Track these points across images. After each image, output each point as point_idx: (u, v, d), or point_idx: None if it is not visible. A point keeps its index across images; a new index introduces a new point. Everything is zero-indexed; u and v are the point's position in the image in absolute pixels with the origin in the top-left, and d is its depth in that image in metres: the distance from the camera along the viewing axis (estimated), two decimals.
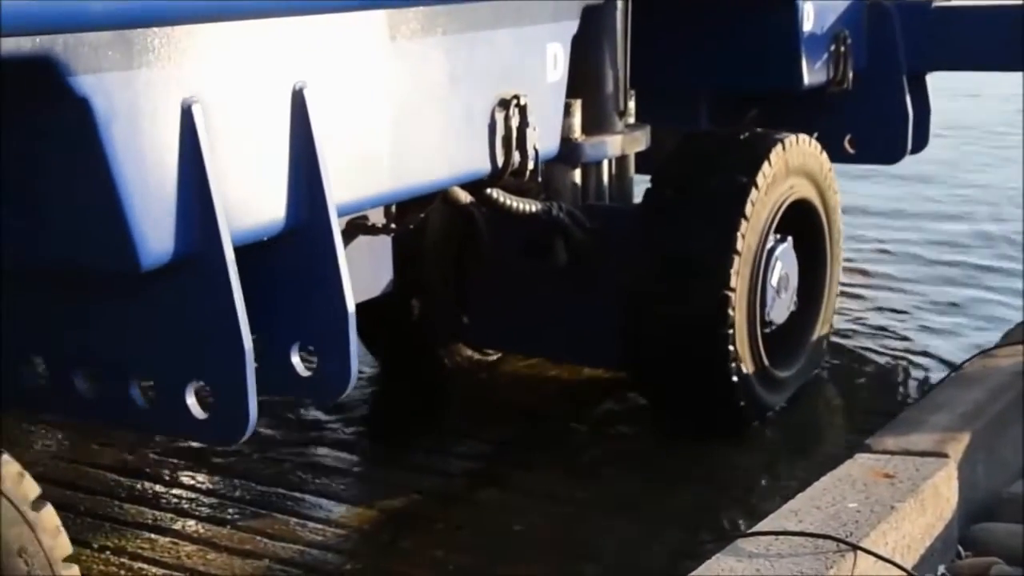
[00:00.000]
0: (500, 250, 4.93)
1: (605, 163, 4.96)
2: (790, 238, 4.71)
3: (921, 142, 6.05)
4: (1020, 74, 6.21)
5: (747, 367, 4.52)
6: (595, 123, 4.68)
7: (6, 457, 2.12)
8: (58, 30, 2.39)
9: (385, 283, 4.15)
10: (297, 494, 4.30)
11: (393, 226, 4.01)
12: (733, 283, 4.38)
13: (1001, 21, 5.56)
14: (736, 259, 4.38)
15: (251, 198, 2.94)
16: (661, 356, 4.51)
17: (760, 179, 4.45)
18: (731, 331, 4.40)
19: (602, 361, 4.97)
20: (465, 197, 4.30)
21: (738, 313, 4.43)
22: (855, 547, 2.97)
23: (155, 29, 2.63)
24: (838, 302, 5.28)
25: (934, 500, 3.39)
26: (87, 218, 2.67)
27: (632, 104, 4.87)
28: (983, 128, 11.09)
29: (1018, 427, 3.98)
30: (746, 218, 4.40)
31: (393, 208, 4.02)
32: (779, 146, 4.55)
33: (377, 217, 3.98)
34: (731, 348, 4.42)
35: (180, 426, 3.05)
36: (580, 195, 4.91)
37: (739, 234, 4.38)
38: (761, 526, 3.12)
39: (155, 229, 2.71)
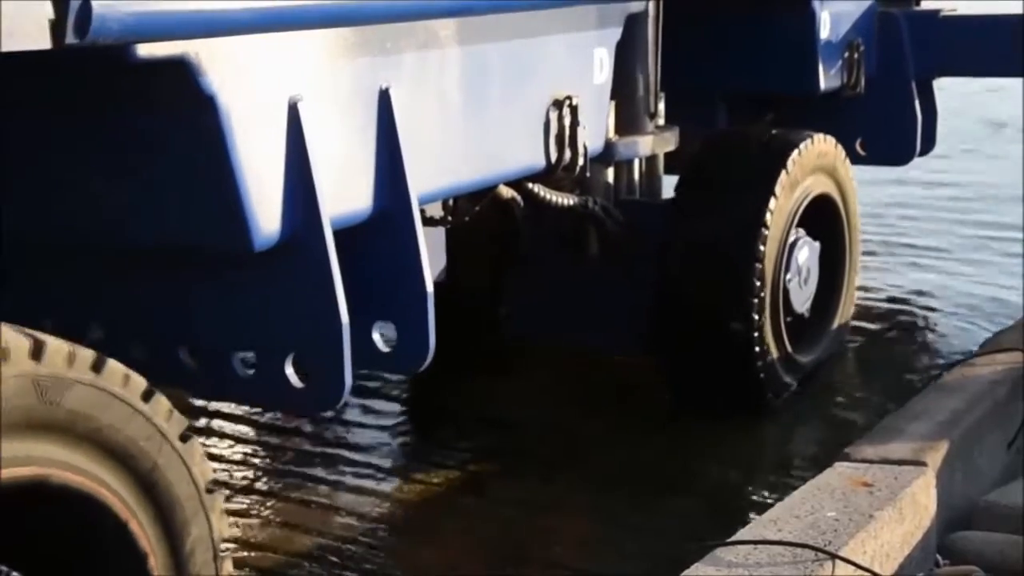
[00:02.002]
0: (537, 242, 5.24)
1: (636, 162, 5.28)
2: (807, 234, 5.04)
3: (929, 144, 6.36)
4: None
5: (772, 352, 4.85)
6: (628, 124, 4.96)
7: (159, 395, 2.40)
8: (191, 36, 2.69)
9: (439, 272, 4.45)
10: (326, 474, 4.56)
11: (449, 218, 4.31)
12: (758, 274, 4.70)
13: (1006, 29, 5.85)
14: (761, 251, 4.70)
15: (345, 186, 3.25)
16: (690, 341, 4.83)
17: (784, 176, 4.78)
18: (756, 319, 4.72)
19: (631, 347, 5.26)
20: (506, 191, 4.60)
21: (763, 302, 4.75)
22: (833, 556, 2.95)
23: (267, 35, 2.93)
24: None
25: (912, 509, 3.38)
26: (208, 203, 2.97)
27: (662, 106, 5.18)
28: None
29: (995, 435, 4.03)
30: (771, 212, 4.73)
31: (450, 202, 4.32)
32: (802, 145, 4.88)
33: (433, 210, 4.28)
34: (756, 335, 4.74)
35: (279, 396, 3.34)
36: (612, 192, 5.22)
37: (764, 227, 4.70)
38: (740, 535, 3.09)
39: (265, 213, 3.02)
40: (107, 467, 2.30)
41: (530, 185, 4.45)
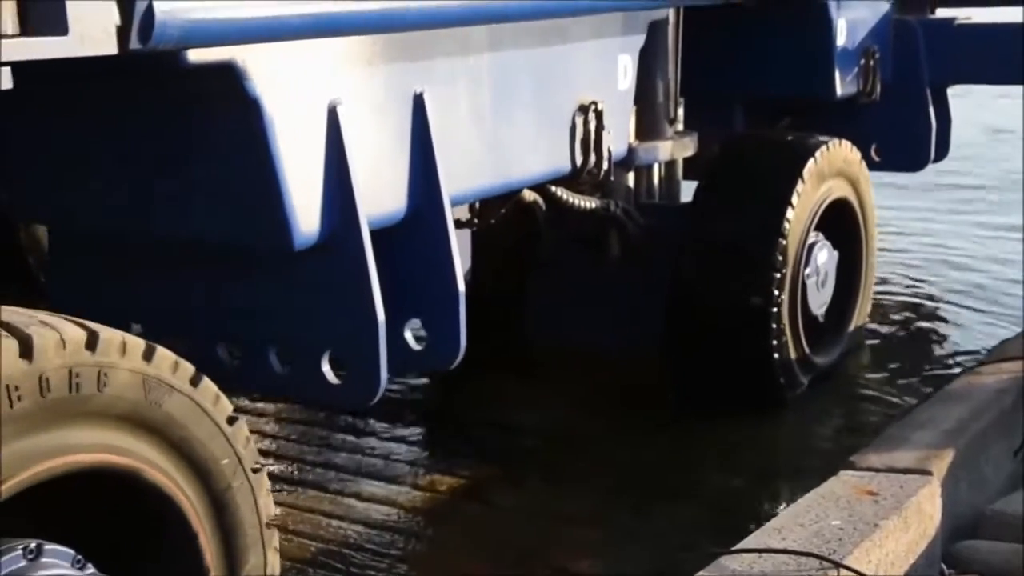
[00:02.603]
0: (558, 244, 5.34)
1: (656, 166, 5.38)
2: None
3: (943, 151, 6.45)
4: None
5: (789, 352, 4.94)
6: (648, 129, 5.06)
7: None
8: (243, 41, 2.79)
9: (465, 273, 4.54)
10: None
11: (475, 221, 4.40)
12: (777, 275, 4.79)
13: (1018, 38, 5.93)
14: (780, 253, 4.79)
15: (381, 188, 3.35)
16: (710, 340, 4.93)
17: (803, 180, 4.87)
18: (775, 320, 4.82)
19: (650, 346, 5.33)
20: (528, 194, 4.69)
21: (781, 303, 4.84)
22: (838, 565, 2.94)
23: (308, 41, 3.03)
24: None
25: (917, 517, 3.37)
26: (251, 202, 3.07)
27: (681, 111, 5.28)
28: None
29: (1001, 444, 4.02)
30: (790, 215, 4.82)
31: (476, 204, 4.42)
32: (821, 150, 4.98)
33: (459, 213, 4.38)
34: (775, 336, 4.83)
35: (315, 392, 3.44)
36: (632, 196, 5.32)
37: (783, 230, 4.79)
38: (744, 543, 3.08)
39: (305, 213, 3.12)
40: (188, 478, 2.43)
41: (552, 188, 4.55)
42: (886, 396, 5.29)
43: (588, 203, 4.84)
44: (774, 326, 4.83)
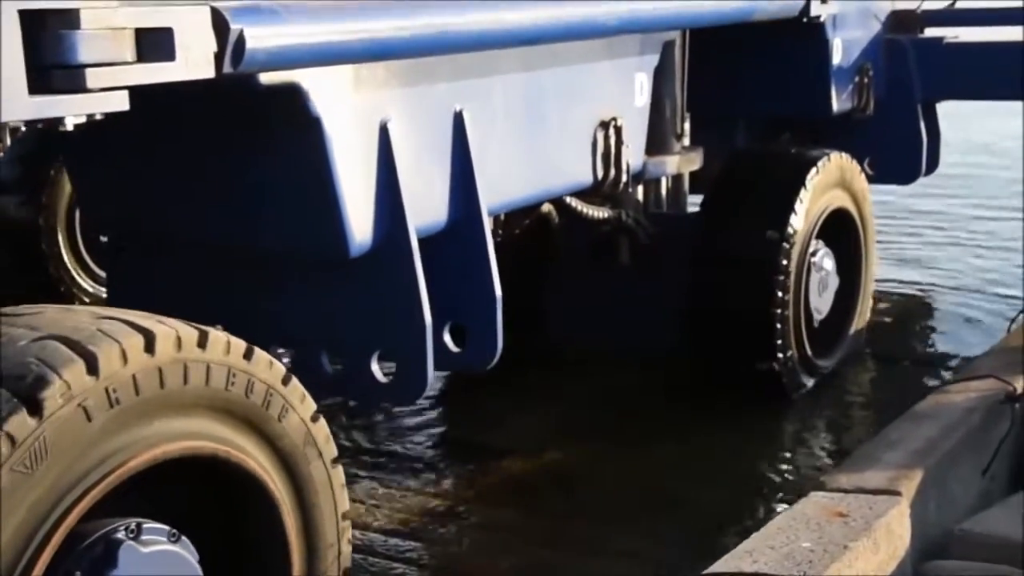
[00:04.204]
0: (572, 252, 5.62)
1: (663, 179, 5.65)
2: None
3: (933, 164, 6.74)
4: None
5: (792, 355, 5.21)
6: (656, 144, 5.33)
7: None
8: (312, 65, 3.04)
9: None
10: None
11: (500, 232, 4.66)
12: (781, 281, 5.06)
13: (1008, 55, 6.21)
14: (784, 260, 5.07)
15: (426, 199, 3.60)
16: (717, 343, 5.21)
17: (804, 190, 5.15)
18: (778, 324, 5.09)
19: (661, 347, 5.59)
20: (544, 205, 4.95)
21: (785, 308, 5.11)
22: None
23: (362, 69, 3.28)
24: None
25: (887, 538, 3.38)
26: (311, 212, 3.32)
27: (688, 127, 5.55)
28: None
29: (970, 463, 4.05)
30: (792, 224, 5.10)
31: (502, 216, 4.67)
32: (821, 162, 5.26)
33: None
34: (778, 339, 5.10)
35: (364, 390, 3.68)
36: (641, 208, 5.59)
37: (786, 239, 5.07)
38: (715, 567, 3.09)
39: (360, 223, 3.37)
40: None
41: (567, 199, 4.81)
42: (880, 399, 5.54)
43: (600, 213, 5.11)
44: (778, 329, 5.10)
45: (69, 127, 2.23)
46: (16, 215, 6.40)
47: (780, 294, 5.07)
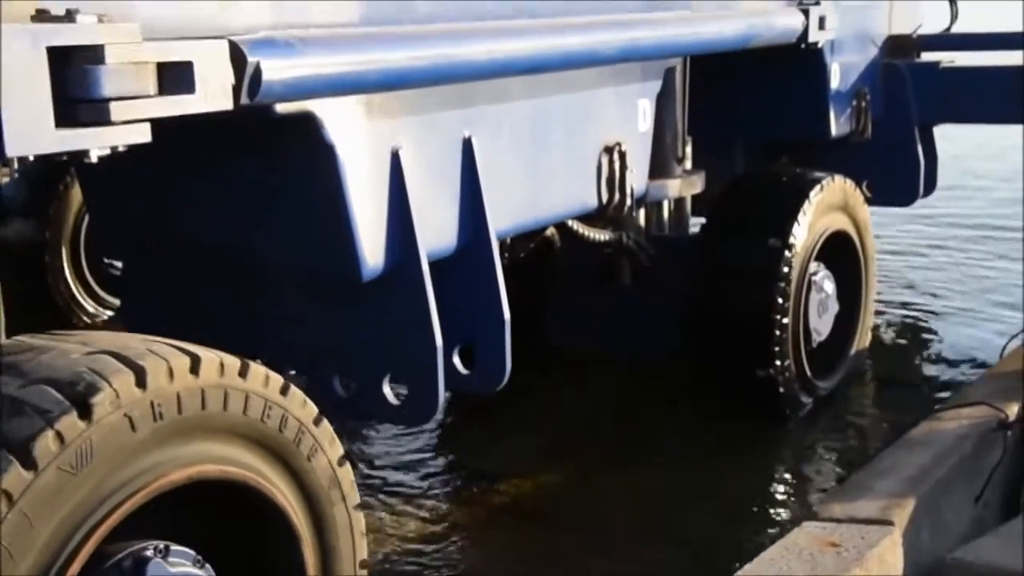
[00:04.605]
0: (574, 273, 5.69)
1: (665, 202, 5.72)
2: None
3: (930, 186, 6.82)
4: None
5: (792, 375, 5.27)
6: (658, 168, 5.40)
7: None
8: (325, 95, 3.11)
9: None
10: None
11: (506, 255, 4.72)
12: (780, 304, 5.13)
13: (1002, 79, 6.31)
14: (784, 282, 5.13)
15: (436, 225, 3.66)
16: (717, 349, 5.29)
17: (803, 213, 5.22)
18: (778, 345, 5.15)
19: (661, 364, 5.66)
20: (548, 228, 5.02)
21: (785, 329, 5.17)
22: None
23: (374, 98, 3.35)
24: None
25: (879, 568, 3.41)
26: (324, 236, 3.38)
27: (689, 151, 5.63)
28: None
29: (963, 490, 4.06)
30: (791, 247, 5.16)
31: (508, 239, 4.73)
32: (820, 185, 5.34)
33: None
34: (778, 360, 5.17)
35: (375, 412, 3.74)
36: (643, 231, 5.66)
37: (785, 261, 5.13)
38: None
39: (372, 247, 3.43)
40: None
41: (570, 222, 4.88)
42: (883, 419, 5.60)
43: (602, 235, 5.18)
44: (777, 351, 5.16)
45: (93, 159, 2.30)
46: (22, 229, 6.47)
47: (780, 301, 5.14)
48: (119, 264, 6.57)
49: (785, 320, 5.17)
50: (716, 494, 4.73)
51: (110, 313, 6.98)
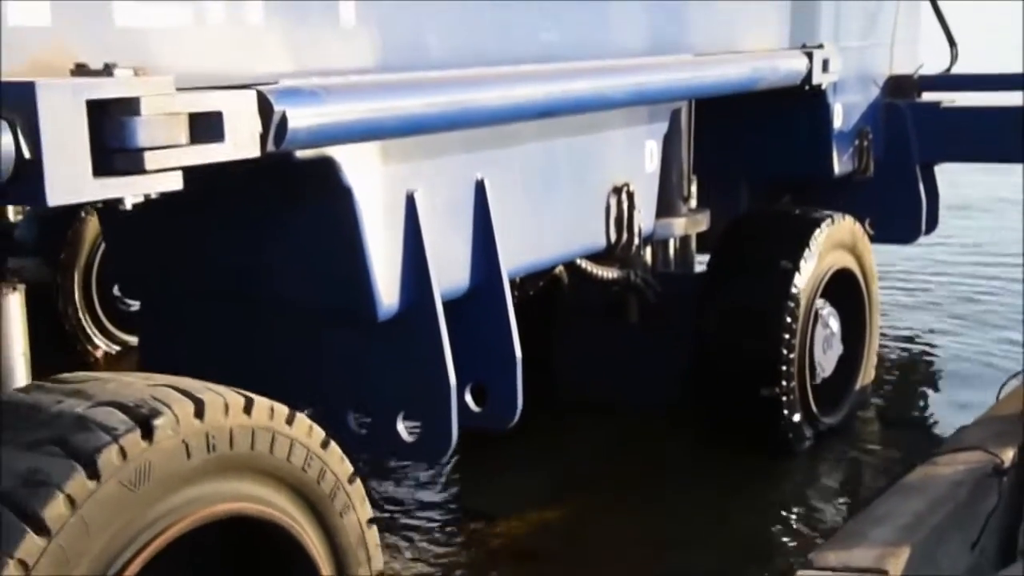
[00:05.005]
0: (582, 311, 5.77)
1: (671, 240, 5.81)
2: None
3: (932, 224, 6.91)
4: None
5: (797, 410, 5.35)
6: (665, 207, 5.49)
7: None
8: (346, 142, 3.20)
9: None
10: None
11: (515, 293, 4.79)
12: (787, 339, 5.21)
13: (1002, 119, 6.41)
14: (788, 319, 5.21)
15: (450, 265, 3.74)
16: (725, 400, 5.38)
17: (808, 251, 5.31)
18: (784, 381, 5.23)
19: (668, 401, 5.73)
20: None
21: (791, 365, 5.25)
22: None
23: (390, 143, 3.44)
24: None
25: None
26: (343, 277, 3.46)
27: (694, 190, 5.72)
28: None
29: (958, 537, 4.03)
30: (797, 284, 5.25)
31: (517, 278, 4.81)
32: (824, 223, 5.43)
33: None
34: (784, 395, 5.24)
35: (389, 449, 3.81)
36: (649, 268, 5.74)
37: (791, 298, 5.22)
38: None
39: (389, 287, 3.52)
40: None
41: (579, 261, 4.96)
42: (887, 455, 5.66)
43: (610, 273, 5.26)
44: (783, 385, 5.24)
45: (128, 206, 2.38)
46: (34, 266, 6.56)
47: (785, 351, 5.21)
48: (129, 300, 6.73)
49: (791, 354, 5.25)
50: (717, 536, 4.76)
51: (118, 348, 7.07)
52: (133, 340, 7.01)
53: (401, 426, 3.71)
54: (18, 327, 3.08)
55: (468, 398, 3.92)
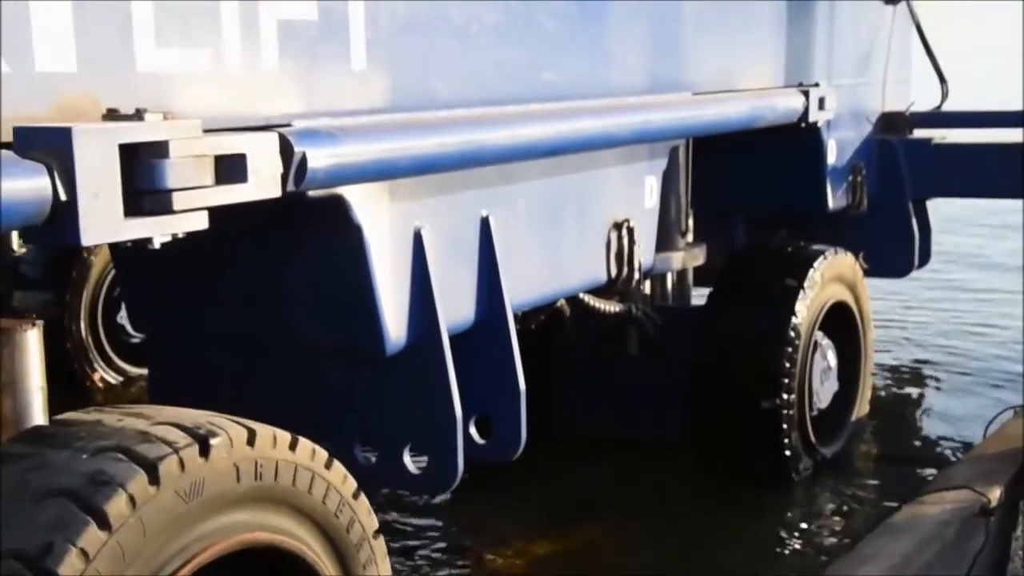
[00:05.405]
0: (583, 343, 5.85)
1: (669, 273, 5.90)
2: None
3: (925, 258, 7.02)
4: None
5: (796, 441, 5.44)
6: (663, 242, 5.58)
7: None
8: (356, 181, 3.28)
9: None
10: None
11: (518, 326, 4.87)
12: (786, 370, 5.29)
13: (991, 156, 6.55)
14: (787, 352, 5.30)
15: (456, 299, 3.82)
16: (724, 431, 5.47)
17: (807, 284, 5.42)
18: (783, 411, 5.31)
19: (668, 432, 5.81)
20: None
21: (790, 396, 5.33)
22: None
23: (398, 180, 3.52)
24: None
25: None
26: (352, 312, 3.53)
27: (691, 225, 5.81)
28: None
29: None
30: (795, 317, 5.34)
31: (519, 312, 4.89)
32: (821, 257, 5.53)
33: None
34: (783, 425, 5.32)
35: (395, 481, 3.87)
36: (648, 300, 5.83)
37: (790, 331, 5.31)
38: None
39: (396, 322, 3.58)
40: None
41: (581, 295, 5.04)
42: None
43: (611, 307, 5.34)
44: (784, 415, 5.32)
45: (156, 246, 2.45)
46: (40, 298, 6.62)
47: (785, 381, 5.31)
48: (134, 332, 6.79)
49: (792, 383, 5.36)
50: (713, 569, 4.81)
51: (121, 379, 7.13)
52: (134, 370, 7.10)
53: (407, 459, 3.77)
54: (36, 362, 3.13)
55: (472, 430, 3.99)
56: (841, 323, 5.78)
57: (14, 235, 5.85)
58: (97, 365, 7.00)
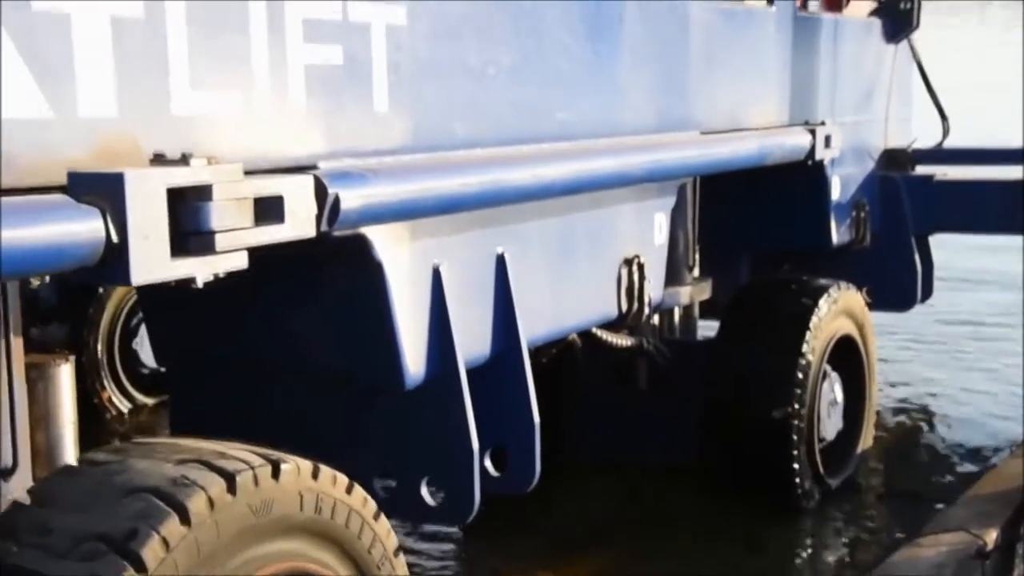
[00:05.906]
0: (593, 376, 5.95)
1: (676, 307, 6.00)
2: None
3: (928, 292, 7.13)
4: None
5: (806, 471, 5.54)
6: (671, 277, 5.66)
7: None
8: (385, 221, 3.38)
9: None
10: None
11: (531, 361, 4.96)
12: (796, 403, 5.40)
13: (993, 192, 6.68)
14: (796, 385, 5.40)
15: (472, 334, 3.90)
16: (734, 462, 5.57)
17: (815, 318, 5.51)
18: (793, 443, 5.41)
19: (678, 463, 5.89)
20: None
21: (799, 429, 5.43)
22: None
23: (418, 220, 3.62)
24: None
25: None
26: (370, 347, 3.62)
27: (698, 260, 5.92)
28: None
29: None
30: (804, 350, 5.45)
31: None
32: (829, 292, 5.64)
33: None
34: (792, 455, 5.42)
35: (413, 513, 3.94)
36: (656, 333, 5.93)
37: (799, 364, 5.41)
38: None
39: (414, 357, 3.67)
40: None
41: (593, 329, 5.13)
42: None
43: (622, 340, 5.44)
44: (793, 447, 5.42)
45: (200, 285, 2.55)
46: (57, 330, 6.70)
47: (793, 411, 5.42)
48: (149, 362, 6.88)
49: (802, 412, 5.46)
50: None
51: (130, 405, 7.22)
52: (146, 399, 7.19)
53: (425, 491, 3.85)
54: (68, 397, 3.23)
55: (488, 463, 4.07)
56: (846, 356, 5.87)
57: None
58: (114, 397, 7.08)
